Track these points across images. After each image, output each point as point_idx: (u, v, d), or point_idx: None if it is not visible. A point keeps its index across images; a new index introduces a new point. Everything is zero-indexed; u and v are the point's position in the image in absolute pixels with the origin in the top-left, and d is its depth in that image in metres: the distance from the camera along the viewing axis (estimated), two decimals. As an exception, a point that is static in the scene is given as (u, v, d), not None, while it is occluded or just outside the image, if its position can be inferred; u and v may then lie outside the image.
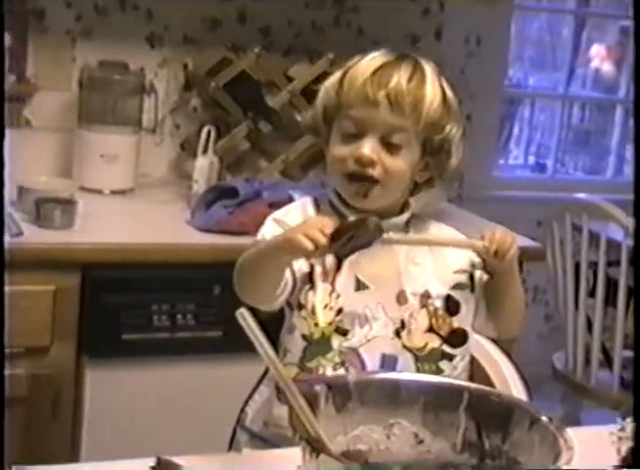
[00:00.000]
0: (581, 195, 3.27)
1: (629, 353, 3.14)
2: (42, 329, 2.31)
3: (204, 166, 2.75)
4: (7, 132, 1.90)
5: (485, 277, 1.69)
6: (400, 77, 1.59)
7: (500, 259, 1.60)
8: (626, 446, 1.30)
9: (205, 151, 2.79)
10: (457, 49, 3.49)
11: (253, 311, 1.21)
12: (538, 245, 2.94)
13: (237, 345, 1.39)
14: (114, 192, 2.81)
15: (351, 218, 1.54)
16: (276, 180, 2.89)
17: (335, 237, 1.47)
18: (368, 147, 1.59)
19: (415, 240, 1.68)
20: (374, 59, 1.62)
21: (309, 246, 1.45)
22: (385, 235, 1.54)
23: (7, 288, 1.51)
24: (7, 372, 1.65)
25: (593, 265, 3.19)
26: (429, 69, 1.63)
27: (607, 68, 5.36)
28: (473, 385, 1.50)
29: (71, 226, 2.41)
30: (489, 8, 3.28)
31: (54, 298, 2.31)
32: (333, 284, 1.62)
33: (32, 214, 2.41)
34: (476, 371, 1.85)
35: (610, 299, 3.16)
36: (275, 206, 2.16)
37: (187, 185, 2.80)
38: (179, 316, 2.43)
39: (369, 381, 1.42)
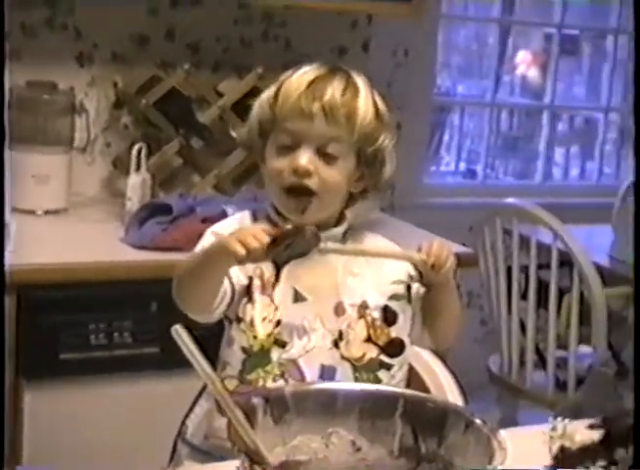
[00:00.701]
0: (510, 200, 3.32)
1: (563, 353, 3.20)
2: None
3: (136, 184, 2.76)
4: None
5: (422, 290, 1.72)
6: (334, 90, 1.62)
7: (436, 272, 1.63)
8: (557, 444, 1.34)
9: (137, 168, 2.80)
10: (385, 60, 3.53)
11: (189, 328, 1.23)
12: (470, 250, 2.99)
13: (175, 361, 1.40)
14: (47, 212, 2.79)
15: (288, 227, 1.57)
16: (209, 195, 2.90)
17: (272, 244, 1.50)
18: (304, 158, 1.61)
19: (352, 250, 1.70)
20: (307, 73, 1.65)
21: (241, 251, 1.47)
22: (321, 244, 1.57)
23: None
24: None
25: (524, 269, 3.24)
26: (361, 81, 1.67)
27: (533, 73, 5.46)
28: (408, 391, 1.53)
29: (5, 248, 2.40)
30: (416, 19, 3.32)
31: (-11, 321, 2.30)
32: (271, 296, 1.64)
33: (-36, 237, 2.39)
34: (413, 379, 1.88)
35: (542, 301, 3.21)
36: (209, 221, 2.18)
37: (120, 203, 2.80)
38: (116, 334, 2.42)
39: (305, 392, 1.44)
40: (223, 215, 2.41)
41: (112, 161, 3.05)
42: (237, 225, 1.69)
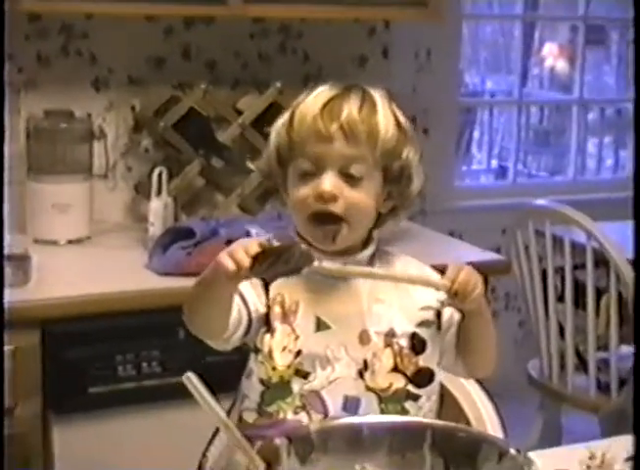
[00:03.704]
0: (541, 201, 3.26)
1: (604, 355, 3.13)
2: (5, 390, 2.27)
3: (158, 208, 2.72)
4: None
5: (457, 316, 1.63)
6: (351, 108, 1.56)
7: (460, 301, 1.53)
8: (594, 474, 1.28)
9: (158, 192, 2.77)
10: (407, 65, 3.47)
11: (200, 374, 1.20)
12: (502, 258, 2.96)
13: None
14: (70, 242, 2.77)
15: (275, 243, 1.49)
16: (233, 215, 2.87)
17: (257, 260, 1.42)
18: (328, 182, 1.54)
19: (358, 272, 1.60)
20: (321, 93, 1.60)
21: (231, 266, 1.41)
22: (315, 263, 1.48)
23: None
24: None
25: (560, 270, 3.18)
26: (378, 95, 1.61)
27: (561, 65, 5.40)
28: (437, 422, 1.49)
29: (27, 282, 2.37)
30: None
31: (14, 357, 2.27)
32: (292, 325, 1.58)
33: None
34: (453, 407, 1.82)
35: (579, 302, 3.15)
36: (232, 243, 2.14)
37: (143, 228, 2.77)
38: (144, 364, 2.39)
39: (330, 428, 1.40)
40: (247, 236, 2.38)
41: (133, 185, 3.02)
42: None
